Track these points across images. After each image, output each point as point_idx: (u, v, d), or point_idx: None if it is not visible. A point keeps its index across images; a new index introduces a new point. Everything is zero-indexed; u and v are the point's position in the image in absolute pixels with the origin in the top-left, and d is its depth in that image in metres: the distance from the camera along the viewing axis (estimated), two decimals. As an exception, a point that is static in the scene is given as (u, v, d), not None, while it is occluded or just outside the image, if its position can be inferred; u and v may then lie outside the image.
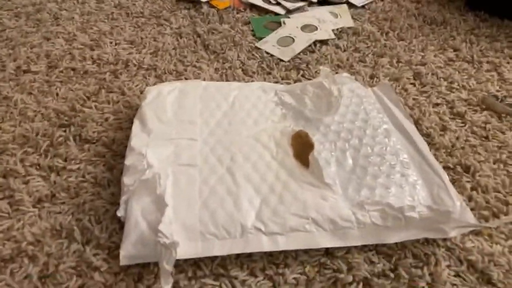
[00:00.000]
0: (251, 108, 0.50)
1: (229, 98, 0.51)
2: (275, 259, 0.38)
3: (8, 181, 0.44)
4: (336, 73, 0.60)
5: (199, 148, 0.45)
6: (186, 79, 0.58)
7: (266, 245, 0.37)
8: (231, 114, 0.49)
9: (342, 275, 0.37)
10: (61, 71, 0.58)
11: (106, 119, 0.52)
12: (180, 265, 0.37)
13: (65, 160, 0.47)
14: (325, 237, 0.38)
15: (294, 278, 0.37)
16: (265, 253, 0.38)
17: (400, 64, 0.63)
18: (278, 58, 0.63)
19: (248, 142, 0.46)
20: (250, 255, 0.38)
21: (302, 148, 0.45)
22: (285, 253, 0.39)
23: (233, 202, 0.40)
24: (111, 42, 0.64)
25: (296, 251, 0.39)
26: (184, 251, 0.36)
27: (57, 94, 0.55)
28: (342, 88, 0.51)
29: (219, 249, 0.37)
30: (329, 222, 0.39)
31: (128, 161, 0.42)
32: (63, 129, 0.50)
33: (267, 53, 0.64)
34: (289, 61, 0.62)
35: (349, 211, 0.40)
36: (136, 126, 0.46)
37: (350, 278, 0.37)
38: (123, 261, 0.36)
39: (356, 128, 0.48)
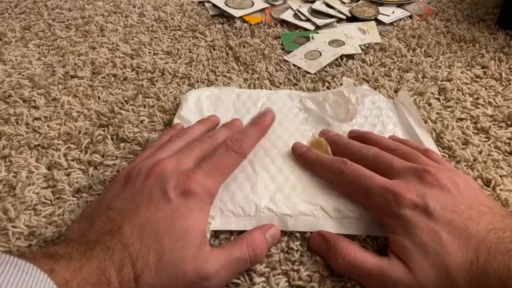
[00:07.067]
0: (277, 111, 0.54)
1: (258, 103, 0.57)
2: (291, 257, 0.40)
3: (52, 173, 0.48)
4: (360, 84, 0.62)
5: None
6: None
7: (276, 224, 0.41)
8: None
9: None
10: (104, 77, 0.64)
11: (142, 121, 0.56)
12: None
13: (103, 156, 0.51)
14: (330, 223, 0.42)
15: (308, 275, 0.39)
16: (281, 250, 0.41)
17: (426, 80, 0.64)
18: (305, 71, 0.65)
19: (271, 140, 0.51)
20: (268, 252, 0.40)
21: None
22: (301, 253, 0.41)
23: (251, 187, 0.44)
24: (149, 52, 0.69)
25: (311, 251, 0.41)
26: None
27: (98, 97, 0.60)
28: (362, 98, 0.54)
29: (235, 225, 0.41)
30: (335, 211, 0.42)
31: None
32: (102, 128, 0.55)
33: (295, 65, 0.66)
34: (315, 73, 0.65)
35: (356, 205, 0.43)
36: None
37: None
38: None
39: None
